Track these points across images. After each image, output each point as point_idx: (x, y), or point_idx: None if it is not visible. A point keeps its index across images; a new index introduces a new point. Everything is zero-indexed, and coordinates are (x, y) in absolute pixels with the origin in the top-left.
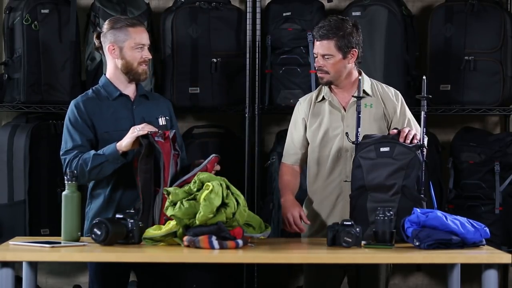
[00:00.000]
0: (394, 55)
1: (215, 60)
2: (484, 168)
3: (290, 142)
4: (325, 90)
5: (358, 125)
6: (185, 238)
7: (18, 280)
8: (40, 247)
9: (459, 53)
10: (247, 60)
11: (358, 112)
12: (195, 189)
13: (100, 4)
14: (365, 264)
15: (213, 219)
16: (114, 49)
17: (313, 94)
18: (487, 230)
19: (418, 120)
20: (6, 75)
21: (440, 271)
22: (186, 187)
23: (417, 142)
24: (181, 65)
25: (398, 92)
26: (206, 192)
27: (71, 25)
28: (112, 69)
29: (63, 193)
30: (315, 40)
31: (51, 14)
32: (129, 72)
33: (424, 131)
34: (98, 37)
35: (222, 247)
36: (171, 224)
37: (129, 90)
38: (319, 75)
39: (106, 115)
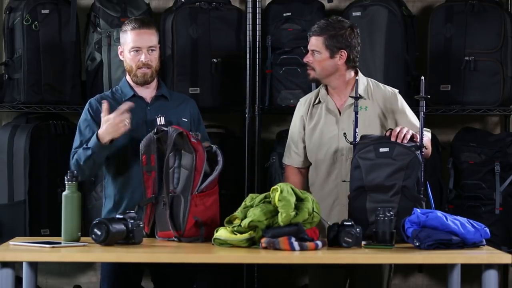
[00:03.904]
0: (394, 55)
1: (215, 60)
2: (484, 168)
3: (292, 144)
4: (322, 92)
5: (356, 126)
6: (264, 240)
7: (18, 280)
8: (40, 247)
9: (459, 53)
10: (247, 60)
11: (356, 113)
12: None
13: (100, 4)
14: (366, 264)
15: (297, 218)
16: (121, 51)
17: (313, 95)
18: (487, 230)
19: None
20: (6, 75)
21: (440, 272)
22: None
23: (416, 142)
24: (181, 65)
25: (396, 90)
26: (277, 193)
27: (71, 25)
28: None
29: (63, 193)
30: (309, 36)
31: (51, 14)
32: (130, 75)
33: (423, 131)
34: None
35: (302, 248)
36: (248, 231)
37: (146, 92)
38: (308, 71)
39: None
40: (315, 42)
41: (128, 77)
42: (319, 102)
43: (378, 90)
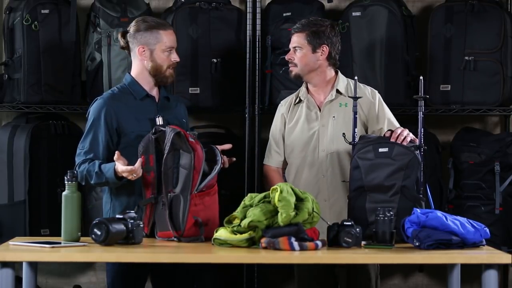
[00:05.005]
0: (394, 55)
1: (215, 60)
2: (484, 168)
3: (273, 143)
4: (302, 90)
5: (354, 126)
6: (263, 240)
7: (18, 280)
8: (40, 247)
9: (459, 53)
10: (247, 60)
11: (355, 113)
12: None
13: (100, 5)
14: (354, 264)
15: (297, 218)
16: (144, 51)
17: (293, 96)
18: (487, 230)
19: (416, 120)
20: (6, 75)
21: (440, 272)
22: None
23: (413, 143)
24: (181, 65)
25: (375, 91)
26: (277, 194)
27: (71, 25)
28: (139, 70)
29: (63, 193)
30: (291, 35)
31: (51, 14)
32: (157, 75)
33: (422, 131)
34: (124, 36)
35: (302, 248)
36: (248, 231)
37: (154, 91)
38: (289, 68)
39: (133, 115)
40: (297, 39)
41: (137, 76)
42: (300, 101)
43: (359, 89)
